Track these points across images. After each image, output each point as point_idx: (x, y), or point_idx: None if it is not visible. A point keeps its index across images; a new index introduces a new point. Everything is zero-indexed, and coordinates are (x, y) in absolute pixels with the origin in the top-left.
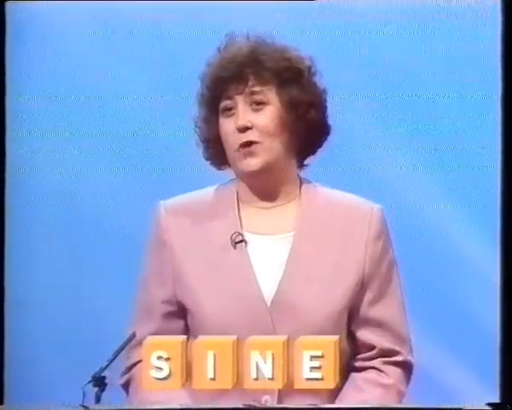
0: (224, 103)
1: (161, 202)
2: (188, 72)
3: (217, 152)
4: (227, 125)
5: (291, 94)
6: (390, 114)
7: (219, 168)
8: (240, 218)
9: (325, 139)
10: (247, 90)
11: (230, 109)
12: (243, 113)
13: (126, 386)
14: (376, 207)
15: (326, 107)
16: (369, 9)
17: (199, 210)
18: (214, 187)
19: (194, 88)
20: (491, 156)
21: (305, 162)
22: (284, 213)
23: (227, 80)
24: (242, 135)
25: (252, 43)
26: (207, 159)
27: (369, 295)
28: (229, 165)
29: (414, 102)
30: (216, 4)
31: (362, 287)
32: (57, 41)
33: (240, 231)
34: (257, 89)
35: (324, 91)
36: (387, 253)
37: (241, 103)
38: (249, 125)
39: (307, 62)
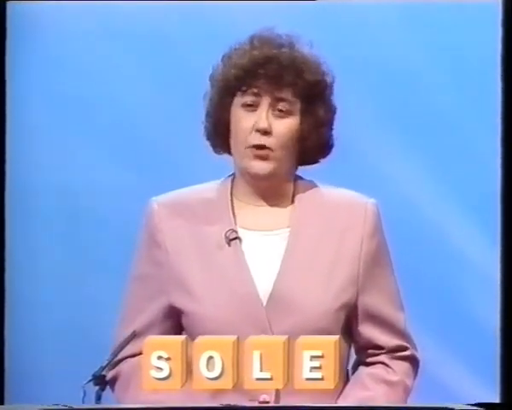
0: (249, 98)
1: (153, 198)
2: (186, 70)
3: (221, 136)
4: (245, 120)
5: (316, 113)
6: (388, 111)
7: (218, 152)
8: (234, 214)
9: (328, 154)
10: (276, 93)
11: (252, 105)
12: (266, 115)
13: (112, 382)
14: (371, 201)
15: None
16: (369, 10)
17: (192, 208)
18: (207, 184)
19: (192, 87)
20: (491, 153)
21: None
22: (279, 209)
23: (261, 77)
24: (260, 136)
25: (292, 45)
26: (208, 139)
27: (367, 292)
28: (229, 153)
29: (413, 98)
30: (216, 4)
31: (358, 283)
32: (58, 41)
33: (234, 228)
34: (286, 97)
35: (336, 109)
36: (383, 247)
37: (265, 104)
38: (270, 129)
39: (330, 79)
